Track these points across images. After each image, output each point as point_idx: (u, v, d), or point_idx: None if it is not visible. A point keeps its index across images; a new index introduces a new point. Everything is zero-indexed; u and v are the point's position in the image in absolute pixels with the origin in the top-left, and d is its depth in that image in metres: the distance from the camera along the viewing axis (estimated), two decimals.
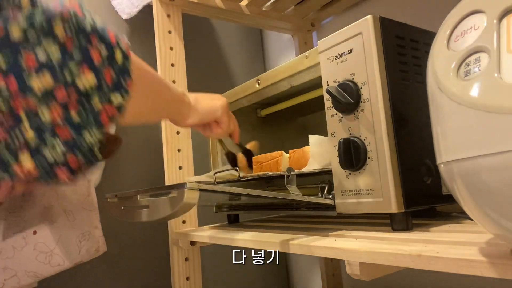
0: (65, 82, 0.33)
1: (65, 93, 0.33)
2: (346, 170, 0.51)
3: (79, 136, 0.35)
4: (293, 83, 0.65)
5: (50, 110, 0.33)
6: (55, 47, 0.32)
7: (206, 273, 0.93)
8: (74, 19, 0.33)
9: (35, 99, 0.32)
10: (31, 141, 0.33)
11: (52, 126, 0.34)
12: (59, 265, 0.68)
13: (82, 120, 0.35)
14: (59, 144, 0.34)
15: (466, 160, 0.28)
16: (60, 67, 0.33)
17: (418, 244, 0.39)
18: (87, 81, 0.34)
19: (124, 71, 0.37)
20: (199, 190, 0.48)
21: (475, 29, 0.30)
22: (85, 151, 0.36)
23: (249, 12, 0.97)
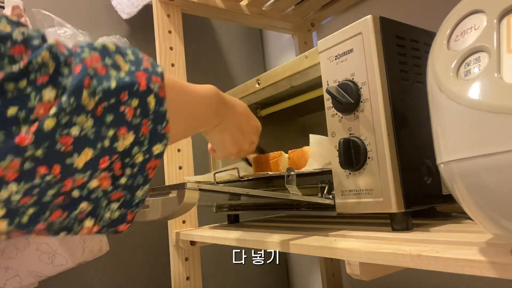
0: (104, 149, 0.31)
1: (108, 161, 0.32)
2: (346, 170, 0.51)
3: (131, 196, 0.35)
4: (293, 83, 0.65)
5: (99, 181, 0.32)
6: (85, 118, 0.29)
7: (206, 273, 0.93)
8: (96, 82, 0.30)
9: (81, 176, 0.31)
10: (87, 208, 0.33)
11: (104, 193, 0.33)
12: (62, 265, 0.69)
13: (131, 182, 0.34)
14: (114, 208, 0.34)
15: (466, 160, 0.28)
16: (95, 136, 0.30)
17: (418, 244, 0.39)
18: (128, 141, 0.32)
19: (159, 116, 0.34)
20: (199, 190, 0.48)
21: (475, 29, 0.30)
22: (139, 203, 0.36)
23: (249, 12, 0.97)
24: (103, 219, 0.34)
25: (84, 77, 0.29)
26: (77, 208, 0.32)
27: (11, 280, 0.66)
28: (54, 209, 0.31)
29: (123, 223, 0.36)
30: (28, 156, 0.27)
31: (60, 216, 0.31)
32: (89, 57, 0.31)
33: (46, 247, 0.67)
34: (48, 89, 0.28)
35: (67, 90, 0.29)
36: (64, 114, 0.28)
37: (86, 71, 0.30)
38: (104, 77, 0.31)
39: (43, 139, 0.28)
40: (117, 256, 0.91)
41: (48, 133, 0.28)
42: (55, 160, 0.29)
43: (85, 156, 0.30)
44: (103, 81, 0.30)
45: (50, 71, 0.29)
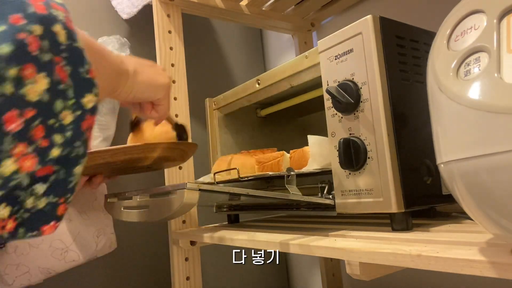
0: (7, 99, 0.22)
1: (17, 118, 0.23)
2: (346, 170, 0.51)
3: (67, 174, 0.26)
4: (293, 83, 0.65)
5: (16, 161, 0.23)
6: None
7: (206, 273, 0.93)
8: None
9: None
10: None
11: (30, 178, 0.24)
12: (74, 260, 0.69)
13: (68, 152, 0.26)
14: (40, 191, 0.25)
15: (466, 160, 0.28)
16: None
17: (418, 244, 0.39)
18: (40, 86, 0.24)
19: (76, 54, 0.26)
20: (199, 190, 0.48)
21: (475, 29, 0.30)
22: (74, 188, 0.27)
23: (249, 12, 0.97)
24: (22, 209, 0.25)
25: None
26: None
27: (21, 277, 0.67)
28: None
29: (50, 220, 0.26)
30: None
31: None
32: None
33: (59, 243, 0.68)
34: None
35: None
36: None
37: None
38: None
39: None
40: (117, 256, 0.91)
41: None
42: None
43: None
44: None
45: None
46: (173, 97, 0.85)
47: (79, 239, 0.69)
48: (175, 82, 0.85)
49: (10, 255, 0.66)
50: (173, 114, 0.84)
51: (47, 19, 0.24)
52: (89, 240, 0.71)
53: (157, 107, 0.52)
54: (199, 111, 0.90)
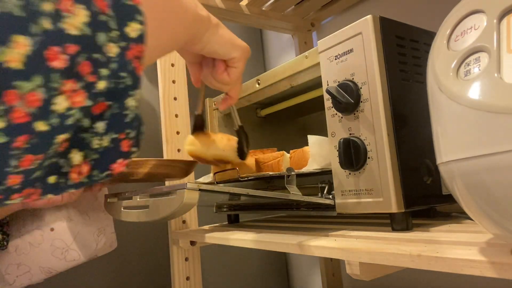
0: (47, 33, 0.21)
1: (60, 55, 0.22)
2: (346, 170, 0.51)
3: (120, 107, 0.26)
4: (293, 83, 0.65)
5: (67, 97, 0.23)
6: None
7: (206, 273, 0.93)
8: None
9: (28, 85, 0.21)
10: (66, 138, 0.24)
11: (84, 113, 0.24)
12: (74, 260, 0.70)
13: (115, 84, 0.25)
14: (101, 128, 0.25)
15: (466, 160, 0.28)
16: (24, 12, 0.20)
17: (418, 244, 0.39)
18: (79, 19, 0.23)
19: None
20: (199, 190, 0.48)
21: (475, 29, 0.30)
22: (133, 123, 0.27)
23: (249, 12, 0.97)
24: (91, 150, 0.25)
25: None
26: (53, 144, 0.23)
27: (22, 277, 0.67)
28: (20, 156, 0.22)
29: (117, 158, 0.26)
30: None
31: (33, 161, 0.23)
32: None
33: (60, 243, 0.68)
34: None
35: None
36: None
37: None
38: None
39: None
40: (117, 256, 0.91)
41: None
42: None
43: (20, 48, 0.20)
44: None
45: None
46: (173, 97, 0.85)
47: (80, 239, 0.70)
48: (175, 82, 0.85)
49: (11, 254, 0.66)
50: (173, 114, 0.84)
51: None
52: (90, 239, 0.71)
53: (230, 70, 0.47)
54: None
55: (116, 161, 0.27)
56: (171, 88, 0.85)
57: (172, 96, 0.85)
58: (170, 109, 0.84)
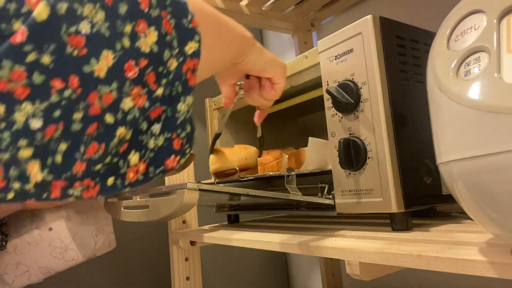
0: (126, 51, 0.26)
1: (134, 67, 0.27)
2: (346, 170, 0.51)
3: (173, 111, 0.30)
4: (293, 83, 0.65)
5: (133, 99, 0.27)
6: (93, 8, 0.25)
7: (206, 273, 0.93)
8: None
9: (107, 89, 0.26)
10: (126, 134, 0.28)
11: (142, 112, 0.28)
12: (73, 259, 0.70)
13: (169, 91, 0.30)
14: (157, 130, 0.30)
15: (466, 160, 0.28)
16: (111, 33, 0.25)
17: (418, 244, 0.39)
18: (151, 39, 0.28)
19: (179, 7, 0.30)
20: (199, 190, 0.48)
21: (475, 29, 0.30)
22: (184, 124, 0.31)
23: (249, 12, 0.97)
24: (148, 150, 0.30)
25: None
26: (115, 136, 0.27)
27: (20, 277, 0.67)
28: (88, 142, 0.26)
29: (170, 155, 0.31)
30: (32, 61, 0.23)
31: (97, 150, 0.27)
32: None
33: (58, 242, 0.68)
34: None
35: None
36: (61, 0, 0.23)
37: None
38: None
39: (42, 35, 0.23)
40: (117, 256, 0.91)
41: (44, 25, 0.23)
42: (70, 68, 0.24)
43: (106, 61, 0.25)
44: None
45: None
46: None
47: (78, 238, 0.70)
48: None
49: (10, 254, 0.66)
50: None
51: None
52: (88, 239, 0.71)
53: (276, 86, 0.51)
54: (199, 111, 0.90)
55: (169, 157, 0.31)
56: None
57: None
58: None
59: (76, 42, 0.24)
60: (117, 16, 0.26)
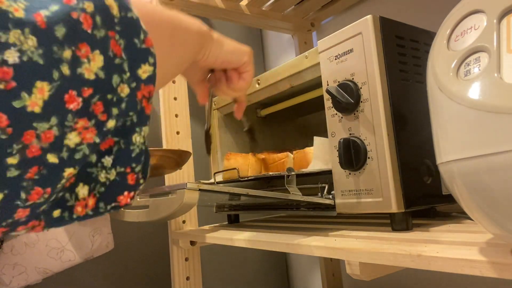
0: (66, 79, 0.23)
1: (77, 98, 0.23)
2: (346, 170, 0.51)
3: (127, 143, 0.27)
4: (293, 83, 0.65)
5: (78, 134, 0.24)
6: (21, 34, 0.21)
7: (206, 273, 0.93)
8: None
9: (45, 125, 0.22)
10: (73, 172, 0.25)
11: (92, 149, 0.25)
12: (70, 260, 0.70)
13: (122, 122, 0.26)
14: (108, 163, 0.27)
15: (466, 160, 0.28)
16: (46, 61, 0.22)
17: (418, 244, 0.39)
18: (96, 64, 0.24)
19: (130, 25, 0.26)
20: (199, 190, 0.48)
21: (475, 29, 0.30)
22: (140, 157, 0.28)
23: (249, 12, 0.97)
24: (98, 183, 0.26)
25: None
26: (62, 177, 0.24)
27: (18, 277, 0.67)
28: (30, 188, 0.23)
29: (124, 191, 0.27)
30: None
31: (42, 195, 0.24)
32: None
33: (55, 243, 0.68)
34: None
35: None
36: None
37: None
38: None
39: None
40: (118, 256, 0.91)
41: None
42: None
43: (41, 94, 0.21)
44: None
45: None
46: (173, 97, 0.85)
47: (75, 239, 0.70)
48: (175, 82, 0.85)
49: (7, 254, 0.66)
50: (173, 114, 0.84)
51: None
52: (85, 239, 0.71)
53: (244, 74, 0.49)
54: (199, 111, 0.90)
55: (122, 194, 0.28)
56: (171, 88, 0.85)
57: (172, 96, 0.85)
58: (170, 109, 0.84)
59: (2, 75, 0.20)
60: (53, 40, 0.22)
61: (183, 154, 0.68)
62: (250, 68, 0.49)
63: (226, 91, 0.51)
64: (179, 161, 0.68)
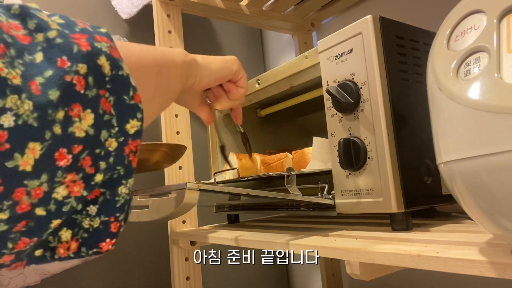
0: (57, 139, 0.23)
1: (66, 155, 0.24)
2: (346, 170, 0.51)
3: (113, 195, 0.28)
4: (293, 83, 0.65)
5: (66, 187, 0.25)
6: (18, 98, 0.22)
7: (206, 273, 0.93)
8: (15, 51, 0.23)
9: (35, 182, 0.23)
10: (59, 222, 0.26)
11: (79, 201, 0.26)
12: (68, 261, 0.69)
13: (110, 176, 0.27)
14: (93, 211, 0.27)
15: (466, 160, 0.28)
16: (40, 123, 0.22)
17: (418, 244, 0.39)
18: (87, 123, 0.25)
19: (121, 83, 0.27)
20: (199, 190, 0.48)
21: (475, 29, 0.30)
22: (124, 207, 0.29)
23: (249, 12, 0.97)
24: (81, 229, 0.27)
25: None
26: (49, 228, 0.25)
27: (16, 278, 0.67)
28: (17, 239, 0.23)
29: (106, 238, 0.28)
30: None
31: (27, 244, 0.24)
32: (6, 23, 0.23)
33: None
34: None
35: None
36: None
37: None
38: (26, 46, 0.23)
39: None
40: (117, 256, 0.91)
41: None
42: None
43: (32, 153, 0.22)
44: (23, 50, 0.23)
45: None
46: None
47: None
48: None
49: None
50: (173, 114, 0.84)
51: (91, 55, 0.25)
52: None
53: (240, 82, 0.51)
54: None
55: (104, 241, 0.28)
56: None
57: None
58: (170, 109, 0.84)
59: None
60: (48, 104, 0.23)
61: (177, 148, 0.67)
62: (243, 74, 0.51)
63: (228, 103, 0.53)
64: (173, 155, 0.68)
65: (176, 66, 0.40)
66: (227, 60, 0.50)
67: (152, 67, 0.35)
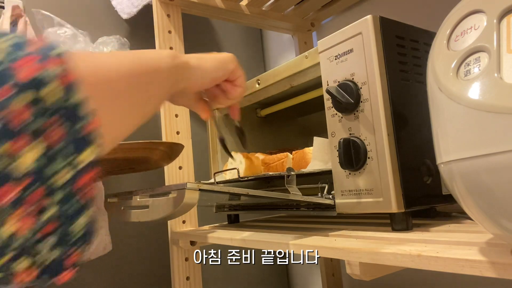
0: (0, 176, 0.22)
1: (10, 193, 0.23)
2: (346, 170, 0.51)
3: (68, 228, 0.26)
4: (293, 83, 0.65)
5: (15, 223, 0.23)
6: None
7: (206, 273, 0.93)
8: None
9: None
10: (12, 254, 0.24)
11: (32, 234, 0.24)
12: None
13: (65, 209, 0.25)
14: (52, 242, 0.26)
15: (466, 160, 0.28)
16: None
17: (418, 244, 0.39)
18: (30, 158, 0.23)
19: (73, 111, 0.25)
20: (199, 190, 0.48)
21: (475, 29, 0.30)
22: (79, 240, 0.27)
23: (249, 12, 0.97)
24: (41, 257, 0.26)
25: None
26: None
27: None
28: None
29: (64, 269, 0.27)
30: None
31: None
32: None
33: None
34: None
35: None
36: None
37: None
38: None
39: None
40: (117, 256, 0.91)
41: None
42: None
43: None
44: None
45: None
46: None
47: None
48: None
49: None
50: (173, 114, 0.84)
51: (37, 83, 0.23)
52: None
53: (237, 81, 0.49)
54: None
55: (63, 272, 0.27)
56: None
57: None
58: (170, 109, 0.84)
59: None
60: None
61: (174, 146, 0.67)
62: (240, 73, 0.49)
63: (225, 102, 0.51)
64: (171, 154, 0.67)
65: (160, 73, 0.37)
66: (222, 59, 0.47)
67: (125, 80, 0.32)
